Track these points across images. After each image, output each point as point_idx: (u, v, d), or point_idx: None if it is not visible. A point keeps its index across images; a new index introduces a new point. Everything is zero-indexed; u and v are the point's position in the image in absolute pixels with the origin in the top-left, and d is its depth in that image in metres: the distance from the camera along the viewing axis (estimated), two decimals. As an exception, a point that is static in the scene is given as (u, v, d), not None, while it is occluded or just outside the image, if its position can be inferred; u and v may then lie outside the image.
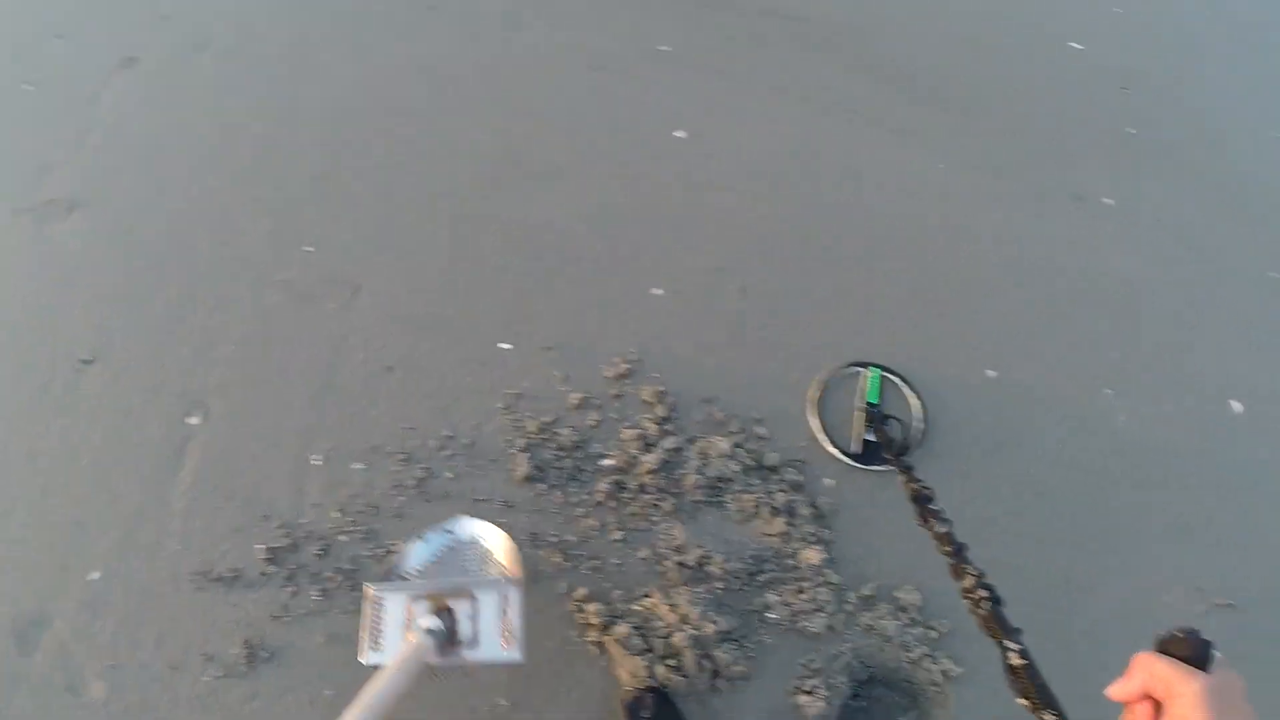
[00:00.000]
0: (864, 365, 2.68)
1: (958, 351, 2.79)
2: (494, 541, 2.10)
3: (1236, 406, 2.88)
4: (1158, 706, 0.86)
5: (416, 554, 2.10)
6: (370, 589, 1.88)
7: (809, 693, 2.15)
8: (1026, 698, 1.21)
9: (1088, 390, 2.78)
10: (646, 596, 2.25)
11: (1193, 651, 0.86)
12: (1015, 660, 1.27)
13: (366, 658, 1.82)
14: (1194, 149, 3.77)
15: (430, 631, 1.73)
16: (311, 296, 2.69)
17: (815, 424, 2.55)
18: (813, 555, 2.28)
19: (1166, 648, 0.88)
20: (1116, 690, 0.89)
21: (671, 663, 2.14)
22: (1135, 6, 4.60)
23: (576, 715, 2.14)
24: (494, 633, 1.82)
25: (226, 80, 3.23)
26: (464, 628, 1.81)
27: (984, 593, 1.47)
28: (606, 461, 2.42)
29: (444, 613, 1.80)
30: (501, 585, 1.88)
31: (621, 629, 2.17)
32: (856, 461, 2.49)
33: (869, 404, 2.59)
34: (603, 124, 3.21)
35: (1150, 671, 0.85)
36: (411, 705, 2.12)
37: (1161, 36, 4.48)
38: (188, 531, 2.32)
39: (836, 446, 2.51)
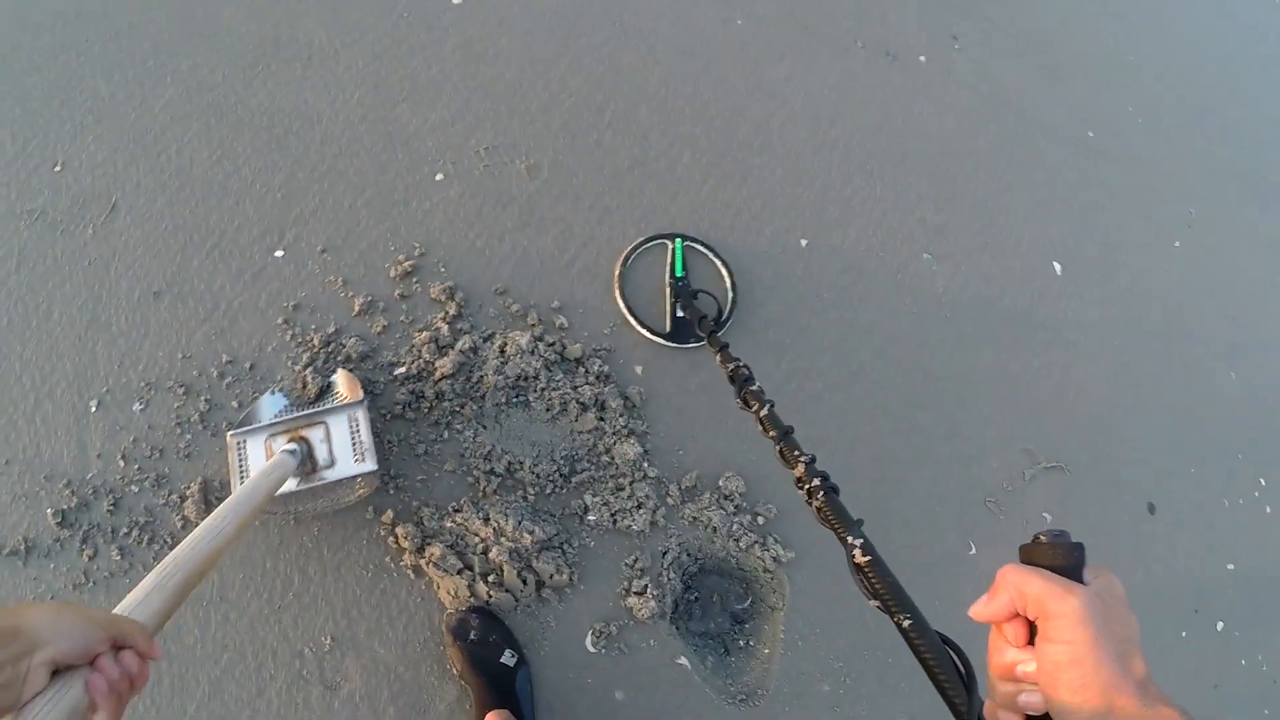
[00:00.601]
0: (668, 237, 2.43)
1: (767, 219, 2.54)
2: (333, 377, 2.19)
3: (1057, 267, 2.76)
4: (1030, 625, 0.76)
5: (268, 405, 2.17)
6: (230, 435, 1.97)
7: (639, 594, 2.03)
8: (876, 598, 1.05)
9: (906, 254, 2.59)
10: (458, 512, 2.09)
11: (1064, 559, 0.75)
12: (860, 557, 1.11)
13: None
14: (1007, 6, 3.47)
15: (290, 452, 1.86)
16: (65, 223, 2.39)
17: (621, 305, 2.33)
18: (628, 449, 2.09)
19: (1033, 557, 0.78)
20: (980, 610, 0.78)
21: (492, 579, 2.03)
22: None
23: (404, 645, 2.05)
24: (347, 451, 1.94)
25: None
26: (320, 451, 1.94)
27: (817, 480, 1.29)
28: (399, 370, 2.19)
29: (300, 441, 1.94)
30: (347, 408, 2.00)
31: (435, 549, 2.04)
32: (668, 341, 2.28)
33: (676, 278, 2.35)
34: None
35: (1019, 588, 0.75)
36: (232, 654, 2.02)
37: None
38: (-32, 505, 2.15)
39: (645, 327, 2.28)
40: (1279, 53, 4.55)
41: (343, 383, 2.14)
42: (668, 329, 2.30)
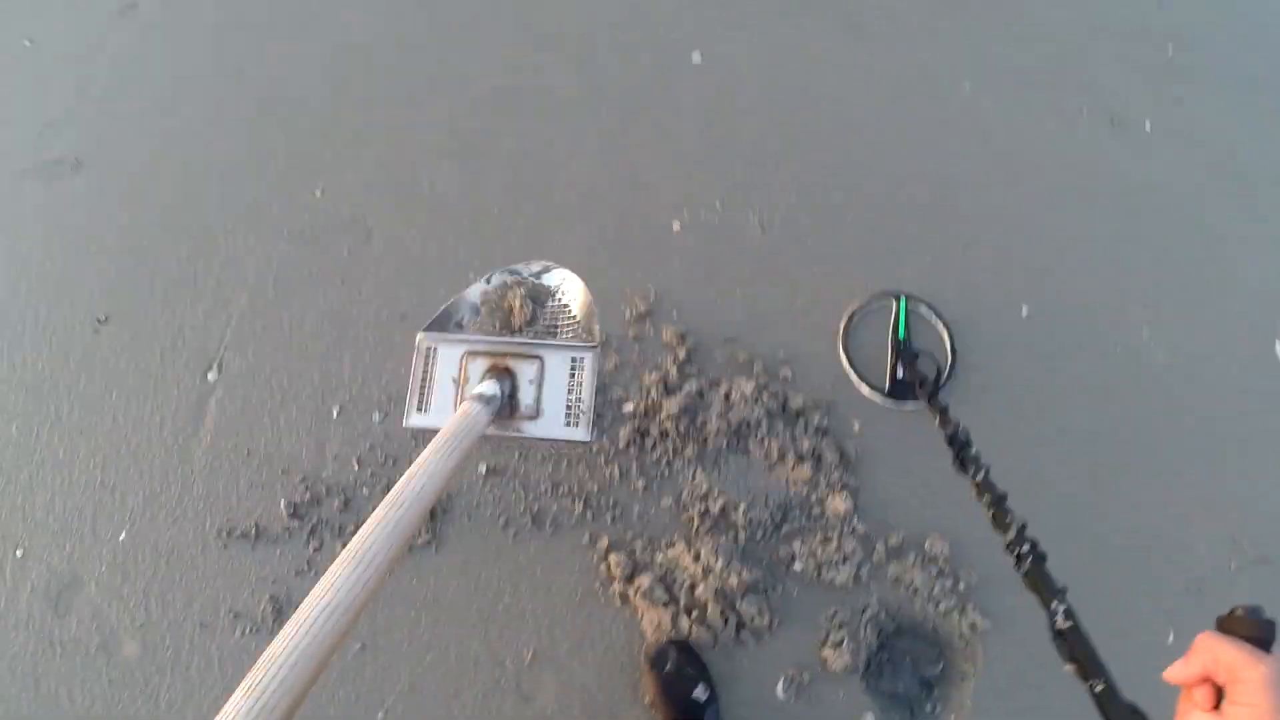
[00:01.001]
0: (893, 295, 2.54)
1: (990, 283, 2.63)
2: (571, 294, 1.82)
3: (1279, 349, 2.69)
4: (1218, 690, 0.81)
5: (476, 299, 1.85)
6: (422, 336, 1.69)
7: (835, 646, 2.10)
8: (1074, 662, 1.13)
9: (1126, 327, 2.61)
10: (670, 546, 2.20)
11: (1257, 632, 0.81)
12: (1061, 623, 1.19)
13: (410, 420, 1.67)
14: (1238, 68, 3.47)
15: (486, 399, 1.51)
16: (323, 244, 2.63)
17: (844, 361, 2.45)
18: (839, 503, 2.20)
19: (1228, 627, 0.84)
20: (1175, 673, 0.85)
21: (696, 615, 2.12)
22: None
23: (601, 667, 2.13)
24: (560, 405, 1.64)
25: (227, 23, 3.11)
26: (526, 395, 1.62)
27: (1026, 546, 1.38)
28: (627, 406, 2.35)
29: (504, 376, 1.63)
30: (574, 350, 1.66)
31: (644, 580, 2.14)
32: (887, 400, 2.39)
33: (898, 339, 2.47)
34: (614, 49, 3.03)
35: (1213, 654, 0.81)
36: (436, 654, 2.13)
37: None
38: (210, 489, 2.33)
39: (866, 384, 2.41)
40: None
41: (578, 302, 1.81)
42: (887, 388, 2.40)
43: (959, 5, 3.22)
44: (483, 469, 2.30)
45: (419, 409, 1.63)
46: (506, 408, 1.60)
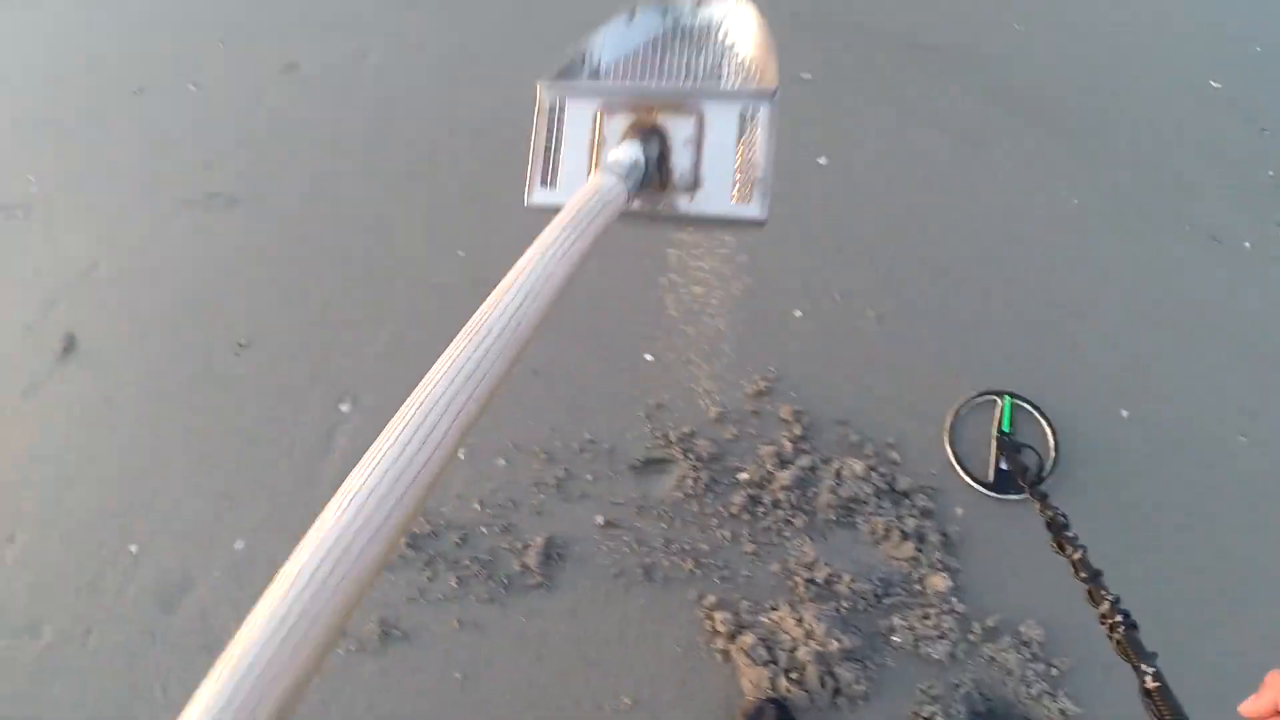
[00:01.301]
0: (997, 394, 2.71)
1: (1092, 386, 2.81)
2: (739, 31, 1.32)
3: None
4: None
5: (614, 41, 1.34)
6: (542, 85, 1.23)
7: (927, 718, 2.20)
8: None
9: (1221, 434, 2.76)
10: (774, 610, 2.31)
11: None
12: (1150, 684, 1.29)
13: (533, 198, 1.27)
14: None
15: (626, 169, 1.08)
16: (462, 300, 2.80)
17: (949, 452, 2.61)
18: (939, 582, 2.34)
19: None
20: (1248, 707, 0.88)
21: (794, 676, 2.19)
22: (1276, 45, 4.54)
23: (698, 718, 2.20)
24: (726, 172, 1.16)
25: (384, 88, 3.39)
26: (680, 159, 1.16)
27: (1119, 617, 1.49)
28: (743, 475, 2.50)
29: (652, 135, 1.17)
30: (744, 99, 1.15)
31: (748, 639, 2.23)
32: (990, 490, 2.54)
33: (1002, 432, 2.63)
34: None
35: None
36: (537, 692, 2.19)
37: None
38: (333, 512, 2.42)
39: (970, 475, 2.56)
40: None
41: (749, 41, 1.29)
42: (990, 478, 2.54)
43: (1069, 130, 3.55)
44: (600, 520, 2.43)
45: (544, 183, 1.24)
46: (656, 177, 1.16)
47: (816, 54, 3.85)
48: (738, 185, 1.16)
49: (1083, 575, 1.70)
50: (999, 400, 2.71)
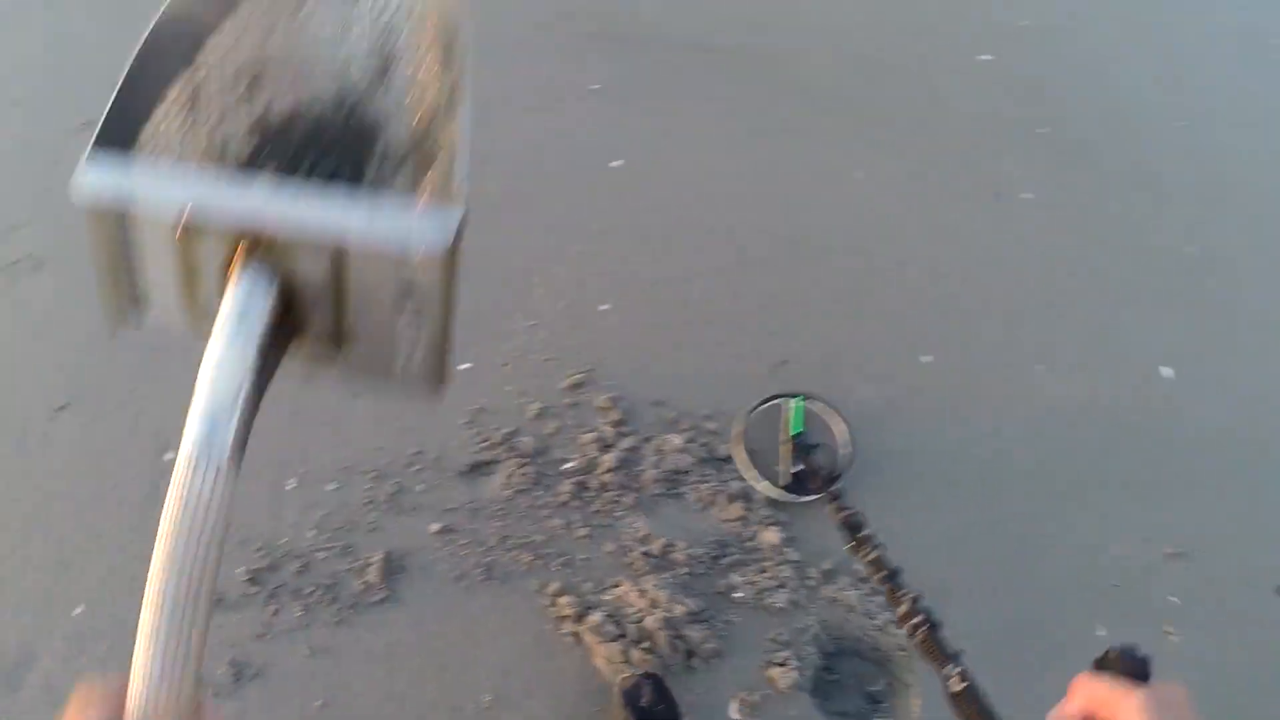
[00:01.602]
0: (788, 396, 2.69)
1: (886, 353, 2.94)
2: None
3: (1166, 372, 3.01)
4: None
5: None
6: (86, 175, 0.74)
7: (781, 664, 2.25)
8: None
9: (1018, 373, 2.90)
10: (616, 586, 2.35)
11: (1131, 668, 0.86)
12: (956, 686, 1.29)
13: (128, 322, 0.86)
14: (1104, 141, 4.04)
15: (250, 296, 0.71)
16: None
17: (742, 461, 2.60)
18: (771, 536, 2.40)
19: (1104, 666, 0.88)
20: (1057, 715, 0.88)
21: (645, 646, 2.23)
22: (1041, 19, 4.95)
23: (559, 703, 2.22)
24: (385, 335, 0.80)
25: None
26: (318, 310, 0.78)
27: (920, 616, 1.49)
28: (568, 465, 2.54)
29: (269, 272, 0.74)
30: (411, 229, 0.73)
31: (594, 618, 2.26)
32: (788, 494, 2.52)
33: (794, 435, 2.60)
34: (548, 158, 3.37)
35: (1090, 692, 0.85)
36: (395, 705, 2.20)
37: (1067, 44, 4.86)
38: (169, 562, 2.39)
39: (766, 480, 2.54)
40: None
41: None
42: (787, 482, 2.53)
43: (857, 113, 3.66)
44: (436, 527, 2.44)
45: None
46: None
47: (606, 65, 4.10)
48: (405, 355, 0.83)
49: (879, 576, 1.72)
50: (789, 402, 2.69)
